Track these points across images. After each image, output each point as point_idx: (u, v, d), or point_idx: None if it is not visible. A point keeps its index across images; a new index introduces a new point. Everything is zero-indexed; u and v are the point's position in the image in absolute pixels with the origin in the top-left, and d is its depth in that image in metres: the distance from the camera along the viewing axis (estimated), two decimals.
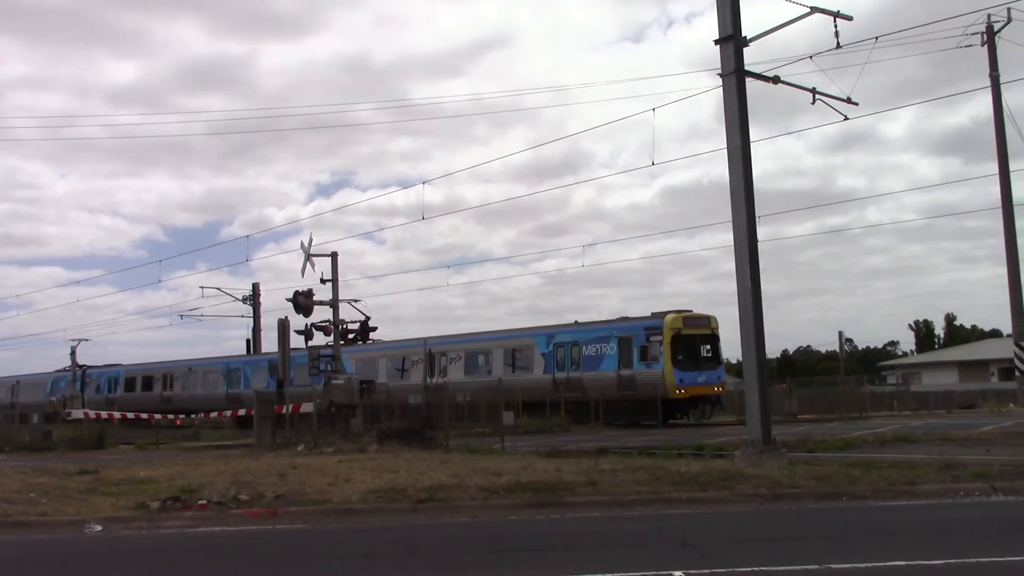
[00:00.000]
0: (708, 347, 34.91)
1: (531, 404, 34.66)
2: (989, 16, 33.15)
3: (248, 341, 59.05)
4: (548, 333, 37.73)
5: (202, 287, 56.74)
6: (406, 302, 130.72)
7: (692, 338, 34.27)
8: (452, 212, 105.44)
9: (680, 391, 33.06)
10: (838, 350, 47.48)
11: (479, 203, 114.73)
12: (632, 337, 34.43)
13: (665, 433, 28.18)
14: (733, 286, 18.32)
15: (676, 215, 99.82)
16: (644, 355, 33.82)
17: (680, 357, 33.42)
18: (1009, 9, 32.34)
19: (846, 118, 20.42)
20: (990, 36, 33.48)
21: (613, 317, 37.47)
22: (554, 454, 19.59)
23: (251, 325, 59.46)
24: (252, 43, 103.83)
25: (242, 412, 35.25)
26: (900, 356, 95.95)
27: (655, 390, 32.88)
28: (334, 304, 27.52)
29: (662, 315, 34.31)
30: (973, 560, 8.56)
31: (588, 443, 23.56)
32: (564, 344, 36.63)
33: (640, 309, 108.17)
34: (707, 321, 35.20)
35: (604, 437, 26.74)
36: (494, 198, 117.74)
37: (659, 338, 33.57)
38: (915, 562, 8.49)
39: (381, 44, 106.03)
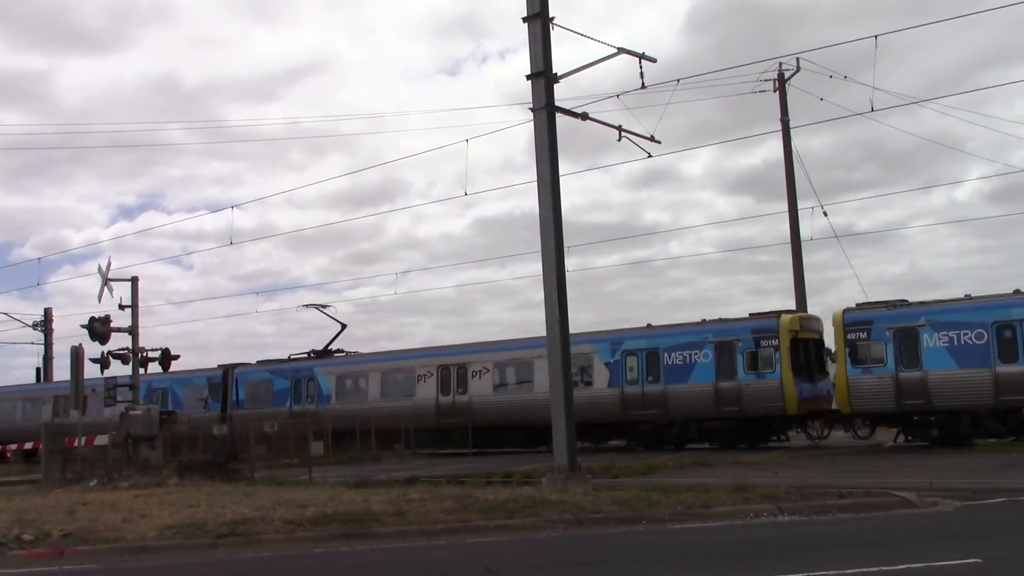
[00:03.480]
0: (819, 354, 30.42)
1: (589, 426, 29.59)
2: (781, 64, 35.48)
3: (38, 369, 55.65)
4: (613, 339, 31.74)
5: None
6: (213, 329, 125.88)
7: (807, 343, 29.68)
8: (263, 238, 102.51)
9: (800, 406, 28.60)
10: None
11: (292, 229, 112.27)
12: (735, 342, 29.24)
13: (475, 461, 28.35)
14: (543, 315, 18.67)
15: (489, 245, 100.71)
16: (754, 363, 28.86)
17: (799, 366, 28.76)
18: (798, 59, 34.81)
19: (650, 155, 21.38)
20: (781, 83, 35.75)
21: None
22: (363, 484, 19.36)
23: (42, 353, 56.09)
24: (53, 58, 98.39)
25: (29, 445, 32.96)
26: None
27: (769, 404, 28.49)
28: (133, 331, 26.29)
29: (774, 315, 29.66)
30: None
31: (398, 472, 23.42)
32: (637, 351, 30.91)
33: (453, 337, 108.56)
34: (819, 324, 30.77)
35: (414, 466, 26.64)
36: (308, 224, 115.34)
37: (774, 343, 28.75)
38: None
39: (193, 65, 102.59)
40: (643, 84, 20.30)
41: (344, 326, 40.13)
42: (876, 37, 22.50)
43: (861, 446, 28.21)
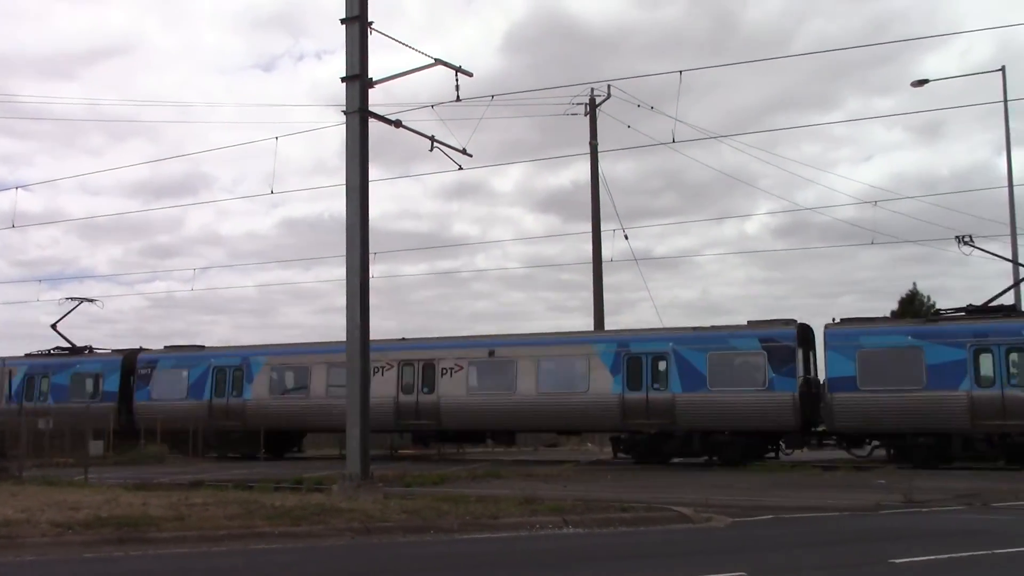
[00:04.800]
0: None
1: None
2: (592, 90, 36.63)
3: None
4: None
5: None
6: None
7: None
8: (51, 223, 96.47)
9: None
10: None
11: (84, 216, 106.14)
12: None
13: (267, 466, 27.66)
14: (344, 320, 18.44)
15: (295, 246, 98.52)
16: None
17: None
18: (609, 86, 36.06)
19: (460, 168, 21.56)
20: (592, 108, 36.89)
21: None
22: (143, 487, 18.57)
23: None
24: None
25: None
26: None
27: None
28: None
29: None
30: None
31: (183, 476, 22.55)
32: None
33: (252, 338, 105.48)
34: None
35: (200, 469, 25.72)
36: (102, 212, 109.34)
37: None
38: None
39: None
40: (458, 97, 20.50)
41: None
42: (681, 72, 23.64)
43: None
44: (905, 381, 25.59)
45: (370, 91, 18.85)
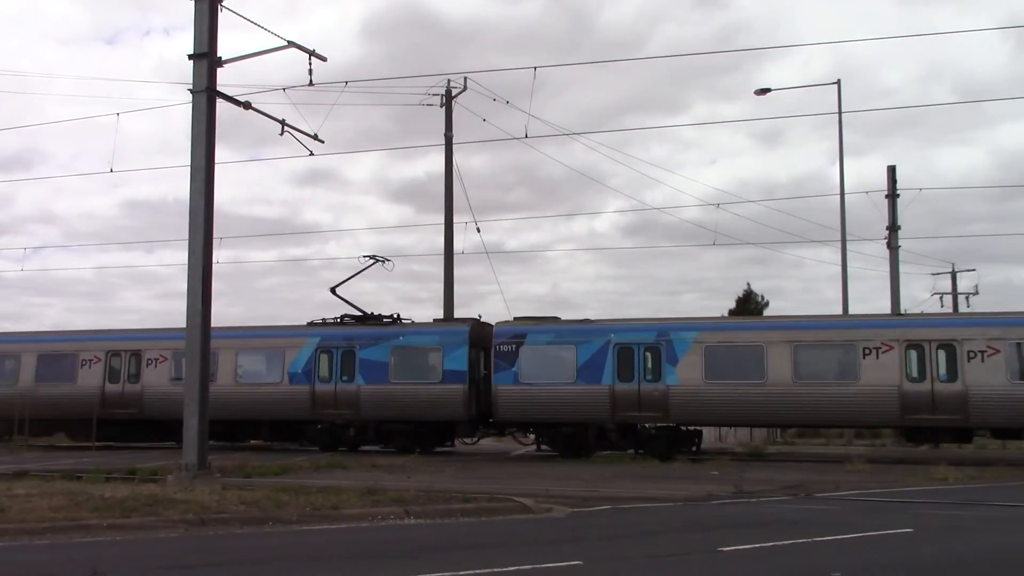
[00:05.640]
0: None
1: None
2: (449, 81, 36.53)
3: None
4: None
5: None
6: None
7: None
8: None
9: None
10: None
11: None
12: None
13: (98, 455, 26.54)
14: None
15: (136, 228, 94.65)
16: None
17: None
18: (466, 78, 36.06)
19: (311, 153, 21.28)
20: (448, 100, 36.81)
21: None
22: None
23: None
24: None
25: None
26: None
27: None
28: None
29: None
30: None
31: (6, 465, 21.43)
32: None
33: (86, 323, 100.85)
34: None
35: (28, 459, 24.49)
36: None
37: None
38: None
39: None
40: (311, 81, 20.19)
41: None
42: (536, 69, 23.92)
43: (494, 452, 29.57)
44: None
45: (219, 71, 18.37)
